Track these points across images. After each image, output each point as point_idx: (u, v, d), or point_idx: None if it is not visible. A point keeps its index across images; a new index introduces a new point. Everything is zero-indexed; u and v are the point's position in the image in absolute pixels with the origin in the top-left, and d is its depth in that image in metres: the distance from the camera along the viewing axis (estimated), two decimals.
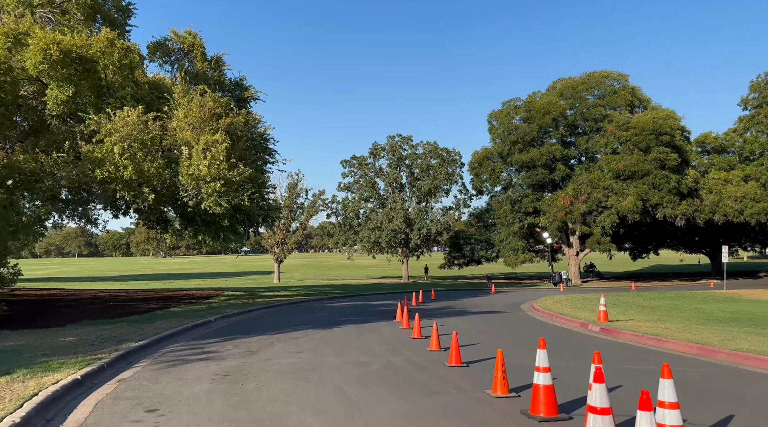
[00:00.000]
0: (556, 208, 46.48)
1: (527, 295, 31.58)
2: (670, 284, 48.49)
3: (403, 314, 15.03)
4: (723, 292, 34.68)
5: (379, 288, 36.76)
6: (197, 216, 19.02)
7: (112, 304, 22.18)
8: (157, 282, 54.54)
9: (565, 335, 13.77)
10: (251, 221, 20.29)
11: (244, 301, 24.09)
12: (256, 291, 33.63)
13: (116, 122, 16.19)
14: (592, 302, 23.64)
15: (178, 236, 23.02)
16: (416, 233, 51.51)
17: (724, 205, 47.82)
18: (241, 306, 20.93)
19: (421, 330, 12.98)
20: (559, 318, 16.86)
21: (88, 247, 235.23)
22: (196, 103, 18.20)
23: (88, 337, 12.39)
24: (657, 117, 45.84)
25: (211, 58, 26.00)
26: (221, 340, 12.63)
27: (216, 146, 16.92)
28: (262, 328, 15.19)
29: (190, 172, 16.24)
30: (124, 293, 29.75)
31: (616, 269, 78.58)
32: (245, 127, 20.35)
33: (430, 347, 11.25)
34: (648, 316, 17.17)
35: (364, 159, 55.15)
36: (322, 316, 18.78)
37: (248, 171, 17.08)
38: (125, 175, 15.98)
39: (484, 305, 23.32)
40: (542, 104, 49.07)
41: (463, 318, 17.71)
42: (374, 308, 21.69)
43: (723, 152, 59.44)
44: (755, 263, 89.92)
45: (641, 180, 44.98)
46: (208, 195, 16.62)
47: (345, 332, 14.07)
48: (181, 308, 20.37)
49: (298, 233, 52.73)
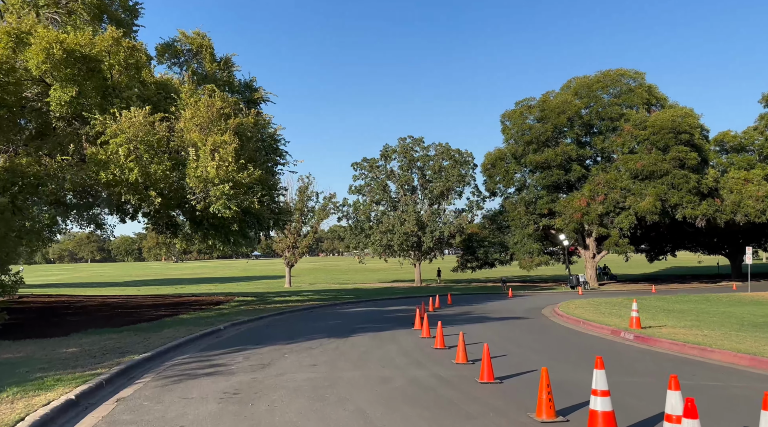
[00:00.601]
0: (572, 209, 45.41)
1: (546, 299, 30.60)
2: (691, 287, 47.22)
3: (423, 321, 14.19)
4: (747, 294, 33.50)
5: (393, 292, 35.94)
6: (206, 220, 18.34)
7: (120, 311, 21.55)
8: (168, 287, 54.15)
9: (598, 344, 12.84)
10: (261, 225, 19.56)
11: (255, 307, 23.38)
12: (267, 296, 32.95)
13: (122, 123, 15.55)
14: (616, 307, 22.67)
15: (187, 241, 22.35)
16: (429, 236, 50.65)
17: (746, 205, 46.54)
18: (252, 313, 20.20)
19: (444, 340, 12.10)
20: (587, 325, 15.92)
21: (101, 252, 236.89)
22: (204, 103, 17.54)
23: (91, 347, 11.71)
24: (675, 115, 44.66)
25: (220, 59, 25.43)
26: (231, 351, 11.90)
27: (224, 147, 16.23)
28: (274, 337, 14.41)
29: (197, 175, 15.55)
30: (133, 299, 29.17)
31: (632, 271, 77.16)
32: (255, 128, 19.67)
33: (456, 360, 10.38)
34: (679, 321, 16.21)
35: (375, 161, 54.42)
36: (337, 323, 17.97)
37: (258, 172, 16.36)
38: (131, 177, 15.32)
39: (504, 310, 22.43)
40: (557, 103, 48.07)
41: (485, 325, 16.83)
42: (390, 314, 20.89)
43: (742, 151, 58.06)
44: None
45: (660, 180, 43.82)
46: (216, 198, 15.92)
47: (362, 342, 13.28)
48: (190, 315, 19.70)
49: (309, 236, 52.06)
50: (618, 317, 17.69)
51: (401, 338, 14.01)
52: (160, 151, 16.34)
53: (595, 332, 14.65)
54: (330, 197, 52.91)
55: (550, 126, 47.63)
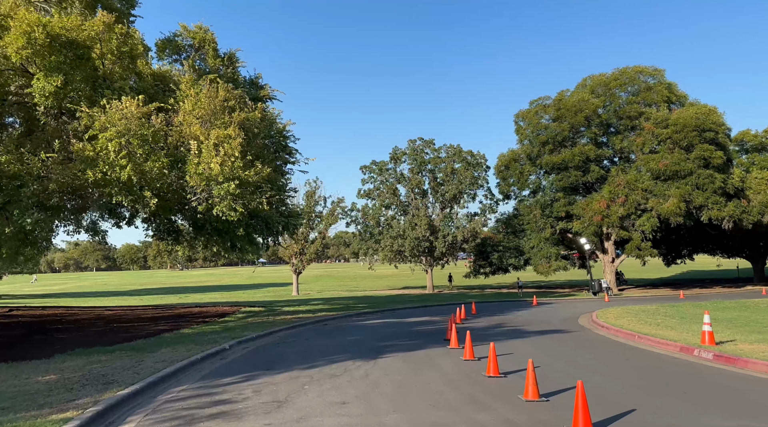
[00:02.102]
0: (592, 212, 43.39)
1: (574, 307, 28.61)
2: (717, 292, 45.11)
3: (466, 341, 11.92)
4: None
5: (407, 301, 33.97)
6: (209, 224, 16.50)
7: (116, 325, 19.71)
8: (172, 296, 52.43)
9: (675, 366, 10.68)
10: (270, 229, 17.69)
11: (263, 319, 21.44)
12: (274, 306, 31.05)
13: (111, 114, 13.75)
14: (659, 316, 20.68)
15: (190, 248, 20.50)
16: (441, 241, 48.71)
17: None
18: (260, 326, 18.24)
19: (498, 365, 9.86)
20: (645, 339, 13.84)
21: (106, 261, 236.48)
22: (206, 94, 15.74)
23: (72, 375, 9.85)
24: (699, 112, 42.70)
25: (223, 55, 23.69)
26: (238, 379, 9.90)
27: (229, 142, 14.40)
28: (289, 359, 12.35)
29: (199, 172, 13.72)
30: (132, 310, 27.32)
31: (648, 276, 74.91)
32: (262, 124, 17.87)
33: (526, 395, 8.08)
34: (748, 335, 14.18)
35: (384, 164, 52.59)
36: (357, 339, 15.82)
37: (267, 170, 14.52)
38: (122, 176, 13.51)
39: (537, 321, 20.39)
40: (573, 102, 46.18)
41: (527, 341, 14.74)
42: (414, 327, 18.88)
43: (763, 151, 56.09)
44: None
45: (683, 180, 41.82)
46: (220, 198, 14.09)
47: (394, 366, 11.15)
48: (192, 330, 17.82)
49: (317, 242, 50.21)
50: (671, 328, 15.71)
51: (439, 359, 11.92)
52: (156, 147, 14.53)
53: (660, 350, 12.55)
54: (338, 202, 51.12)
55: (566, 125, 45.76)
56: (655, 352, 12.28)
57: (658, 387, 8.69)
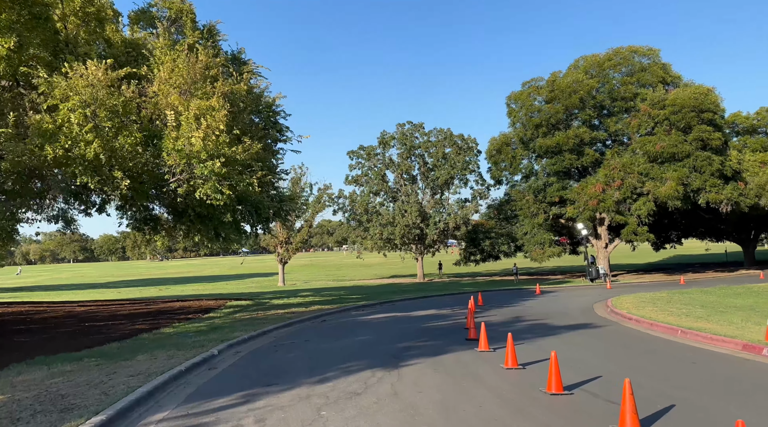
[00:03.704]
0: (587, 196, 42.09)
1: (579, 294, 27.26)
2: (712, 276, 44.40)
3: (507, 345, 9.83)
4: None
5: (402, 291, 32.34)
6: (190, 209, 14.55)
7: (88, 324, 17.70)
8: (152, 288, 50.26)
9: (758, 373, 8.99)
10: (260, 215, 15.78)
11: (252, 315, 19.54)
12: (262, 297, 29.17)
13: (74, 81, 11.72)
14: (676, 305, 19.33)
15: (168, 237, 18.49)
16: (432, 228, 47.13)
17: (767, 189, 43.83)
18: (252, 324, 16.32)
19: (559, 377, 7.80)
20: (690, 335, 12.17)
21: (84, 252, 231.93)
22: (184, 60, 13.74)
23: (25, 394, 7.98)
24: (697, 93, 41.49)
25: (203, 27, 21.53)
26: (234, 401, 7.85)
27: (212, 114, 12.47)
28: (292, 369, 10.22)
29: (177, 148, 11.80)
30: (106, 306, 25.23)
31: (637, 261, 74.47)
32: (248, 97, 15.93)
33: (623, 423, 6.08)
34: None
35: (372, 149, 50.71)
36: (367, 340, 13.73)
37: (257, 146, 12.64)
38: (88, 153, 11.52)
39: (554, 312, 18.75)
40: (568, 83, 44.65)
41: (561, 340, 12.91)
42: (424, 322, 17.05)
43: (754, 133, 55.52)
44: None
45: (680, 163, 40.72)
46: (203, 179, 12.19)
47: (425, 378, 9.10)
48: (174, 329, 15.91)
49: (304, 231, 48.30)
50: (705, 320, 14.30)
51: (474, 367, 9.90)
52: (128, 120, 12.54)
53: (719, 348, 10.75)
54: (325, 189, 49.23)
55: (560, 107, 44.28)
56: (716, 352, 10.61)
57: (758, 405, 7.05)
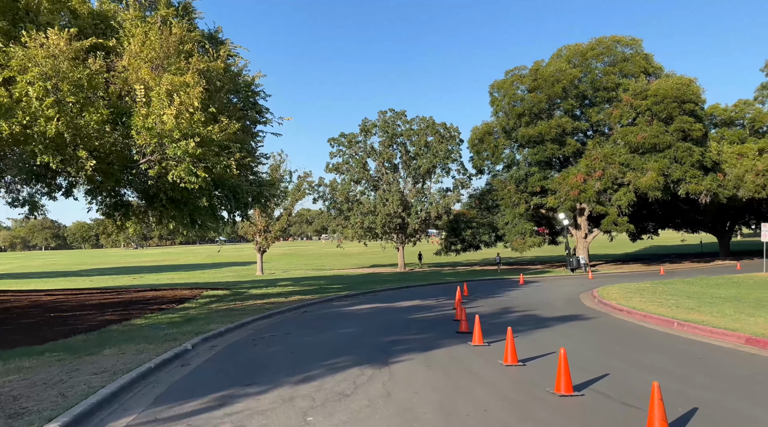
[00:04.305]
0: (568, 186, 41.98)
1: (564, 285, 26.97)
2: (690, 267, 44.85)
3: (507, 341, 9.16)
4: (763, 275, 30.89)
5: (383, 281, 31.76)
6: (162, 193, 13.65)
7: (53, 315, 16.71)
8: (125, 277, 48.92)
9: (767, 370, 8.62)
10: (238, 201, 14.93)
11: (229, 305, 18.71)
12: (239, 287, 28.30)
13: (33, 51, 10.73)
14: (663, 295, 19.11)
15: (140, 223, 17.51)
16: (414, 217, 46.59)
17: (747, 181, 44.28)
18: (228, 315, 15.52)
19: (570, 379, 7.11)
20: (688, 328, 11.69)
21: (56, 239, 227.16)
22: (156, 33, 12.78)
23: None
24: (679, 83, 41.54)
25: (178, 4, 20.43)
26: (208, 404, 7.05)
27: (186, 90, 11.59)
28: (273, 365, 9.44)
29: (148, 126, 10.92)
30: (76, 295, 24.11)
31: (614, 251, 75.15)
32: (225, 76, 15.01)
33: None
34: None
35: (354, 136, 49.83)
36: (352, 333, 12.98)
37: (235, 126, 11.80)
38: (49, 130, 10.58)
39: (541, 303, 18.30)
40: (551, 72, 44.32)
41: (555, 332, 12.30)
42: (410, 314, 16.40)
43: (732, 125, 56.16)
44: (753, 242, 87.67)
45: (661, 153, 40.80)
46: (176, 160, 11.33)
47: (419, 376, 8.42)
48: (146, 320, 15.05)
49: (283, 219, 47.35)
50: (697, 311, 14.01)
51: (470, 362, 9.28)
52: (95, 96, 11.59)
53: (721, 342, 10.22)
54: (305, 176, 48.30)
55: (543, 97, 43.96)
56: (719, 345, 10.18)
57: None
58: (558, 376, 7.13)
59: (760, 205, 52.93)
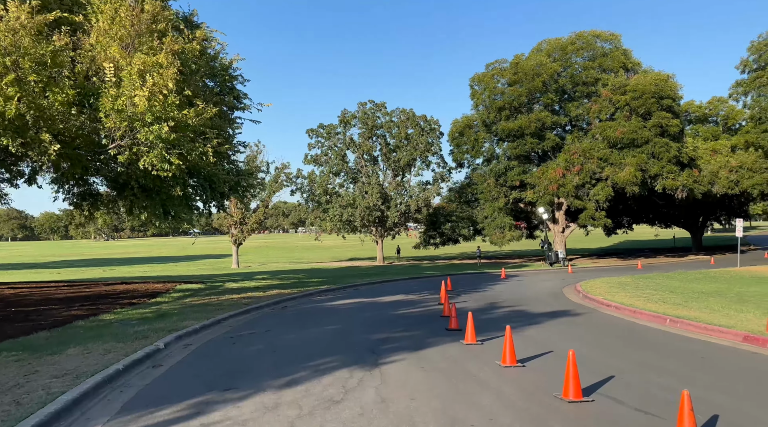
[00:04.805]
0: (547, 180, 41.98)
1: (546, 279, 26.81)
2: (665, 261, 45.45)
3: (506, 343, 8.57)
4: (738, 269, 31.30)
5: (363, 274, 31.22)
6: (133, 180, 12.84)
7: (15, 309, 15.75)
8: (95, 269, 47.46)
9: None
10: (214, 190, 14.18)
11: (205, 300, 17.92)
12: (214, 281, 27.45)
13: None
14: (645, 290, 19.04)
15: (109, 213, 16.61)
16: (393, 210, 46.11)
17: (721, 177, 44.97)
18: (204, 311, 14.74)
19: (579, 383, 6.61)
20: (681, 324, 11.34)
21: (23, 230, 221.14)
22: (127, 9, 11.94)
23: None
24: (658, 79, 41.85)
25: None
26: (182, 413, 6.34)
27: (159, 71, 10.82)
28: (254, 367, 8.72)
29: (117, 108, 10.14)
30: (40, 289, 23.01)
31: (589, 246, 75.92)
32: (201, 59, 14.23)
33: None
34: None
35: (333, 127, 49.03)
36: (336, 330, 12.27)
37: (212, 110, 11.07)
38: (8, 111, 9.73)
39: (527, 298, 17.89)
40: (531, 66, 44.17)
41: (547, 329, 11.89)
42: (395, 309, 15.80)
43: (705, 122, 57.05)
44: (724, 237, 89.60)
45: (639, 149, 41.08)
46: (149, 146, 10.57)
47: (412, 378, 7.81)
48: (115, 316, 14.24)
49: (260, 211, 46.40)
50: (685, 307, 13.82)
51: (466, 363, 8.69)
52: (59, 75, 10.74)
53: (719, 340, 9.80)
54: (282, 168, 47.36)
55: (524, 90, 43.82)
56: (717, 344, 9.74)
57: None
58: (566, 380, 6.61)
59: (731, 201, 54.00)
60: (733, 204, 55.62)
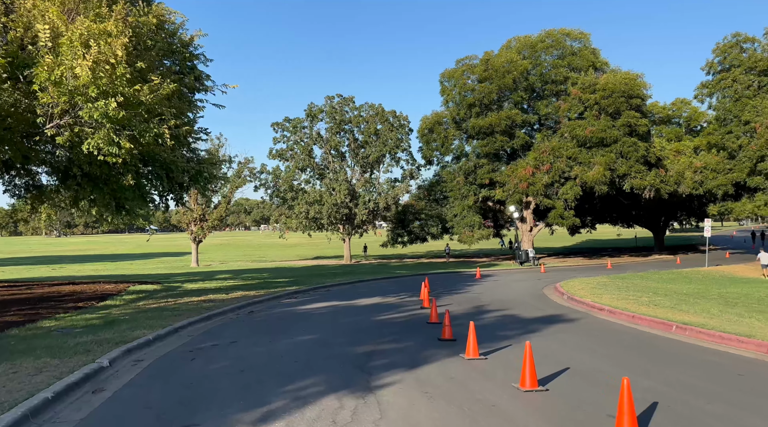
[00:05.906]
0: (517, 179, 41.53)
1: (521, 279, 26.06)
2: (631, 261, 45.79)
3: (525, 362, 7.29)
4: (706, 269, 31.50)
5: (331, 274, 29.81)
6: (76, 167, 11.18)
7: None
8: (44, 267, 44.58)
9: None
10: (172, 180, 12.61)
11: (160, 302, 16.22)
12: (172, 281, 25.59)
13: None
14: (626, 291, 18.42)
15: (52, 206, 14.77)
16: (362, 207, 44.83)
17: (686, 177, 45.49)
18: (159, 317, 13.04)
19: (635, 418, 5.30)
20: (690, 332, 10.35)
21: None
22: None
23: None
24: (627, 78, 41.94)
25: None
26: None
27: (107, 40, 9.27)
28: (216, 391, 7.27)
29: (55, 79, 8.54)
30: None
31: (554, 245, 76.46)
32: (158, 34, 12.65)
33: None
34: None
35: (299, 121, 47.39)
36: (314, 340, 10.78)
37: (170, 86, 9.58)
38: None
39: (510, 300, 16.80)
40: (502, 62, 43.64)
41: (548, 337, 10.84)
42: (375, 314, 14.45)
43: (669, 123, 57.91)
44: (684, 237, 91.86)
45: (608, 148, 41.07)
46: (94, 127, 9.00)
47: (419, 413, 6.36)
48: (56, 322, 12.52)
49: (221, 207, 44.37)
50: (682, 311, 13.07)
51: (475, 386, 7.41)
52: None
53: (734, 349, 9.07)
54: (246, 162, 45.47)
55: (494, 87, 43.27)
56: (743, 356, 8.64)
57: None
58: (619, 415, 5.28)
59: (692, 202, 54.93)
60: (694, 205, 56.63)
